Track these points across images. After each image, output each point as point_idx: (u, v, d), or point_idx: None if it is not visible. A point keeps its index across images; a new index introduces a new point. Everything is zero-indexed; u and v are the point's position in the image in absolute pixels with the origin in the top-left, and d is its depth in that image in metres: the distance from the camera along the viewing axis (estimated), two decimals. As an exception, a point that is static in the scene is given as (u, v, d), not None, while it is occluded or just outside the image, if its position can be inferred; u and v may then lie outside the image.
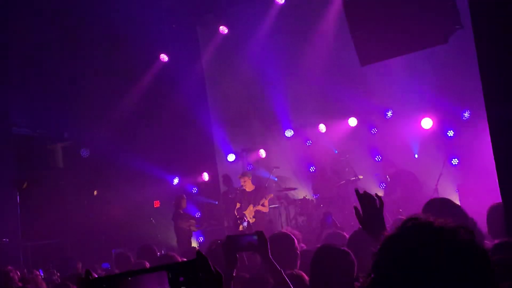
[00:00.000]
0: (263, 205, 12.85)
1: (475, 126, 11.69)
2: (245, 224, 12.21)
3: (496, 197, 5.69)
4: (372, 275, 1.80)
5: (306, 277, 4.16)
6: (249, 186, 13.13)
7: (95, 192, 15.98)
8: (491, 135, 3.98)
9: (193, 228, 13.83)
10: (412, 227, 1.80)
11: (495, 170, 4.06)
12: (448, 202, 4.78)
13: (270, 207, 13.73)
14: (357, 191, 3.41)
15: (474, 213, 5.04)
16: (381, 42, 9.91)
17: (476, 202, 6.85)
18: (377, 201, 3.30)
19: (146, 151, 15.49)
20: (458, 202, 9.73)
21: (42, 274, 9.62)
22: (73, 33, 13.94)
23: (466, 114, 12.96)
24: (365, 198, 3.31)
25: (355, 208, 3.32)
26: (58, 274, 8.32)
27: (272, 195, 13.48)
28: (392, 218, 10.72)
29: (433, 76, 12.77)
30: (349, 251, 4.06)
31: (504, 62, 3.95)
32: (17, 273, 6.78)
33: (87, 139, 15.83)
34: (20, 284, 6.07)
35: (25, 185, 12.95)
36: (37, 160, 15.27)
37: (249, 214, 12.66)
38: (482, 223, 5.20)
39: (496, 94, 3.97)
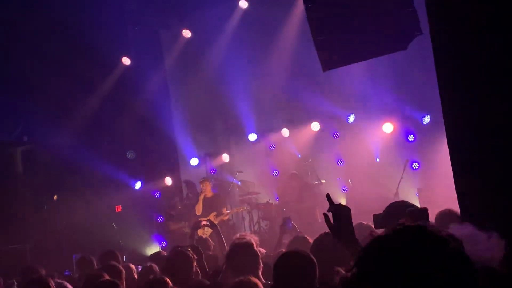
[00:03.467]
0: (224, 214, 12.96)
1: (435, 131, 11.83)
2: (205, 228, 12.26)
3: (455, 201, 5.80)
4: (355, 270, 1.78)
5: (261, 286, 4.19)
6: (208, 192, 13.18)
7: (55, 197, 15.76)
8: (447, 138, 4.06)
9: (185, 230, 13.72)
10: (404, 231, 1.79)
11: (452, 173, 4.14)
12: (409, 205, 4.89)
13: (236, 211, 13.80)
14: (328, 197, 3.48)
15: (433, 216, 5.14)
16: (342, 47, 10.01)
17: (435, 206, 6.94)
18: (347, 210, 3.37)
19: (107, 155, 15.36)
20: (418, 206, 9.85)
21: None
22: (31, 35, 13.76)
23: (426, 119, 13.15)
24: (337, 206, 3.38)
25: (325, 214, 3.37)
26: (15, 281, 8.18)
27: (228, 207, 13.58)
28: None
29: (394, 81, 12.93)
30: (312, 257, 4.11)
31: (460, 67, 4.04)
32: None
33: (48, 143, 15.62)
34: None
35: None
36: (-4, 164, 15.03)
37: (212, 219, 12.69)
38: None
39: (453, 99, 4.06)
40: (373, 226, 6.53)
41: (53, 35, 13.86)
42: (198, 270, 6.07)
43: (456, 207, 5.42)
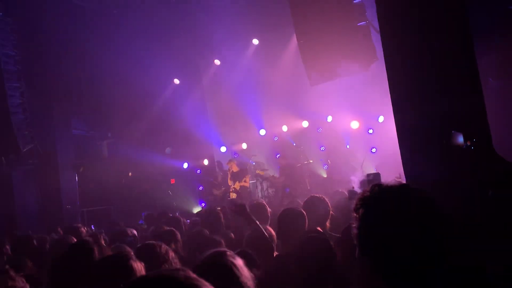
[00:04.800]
0: (245, 181, 12.98)
1: (387, 126, 11.81)
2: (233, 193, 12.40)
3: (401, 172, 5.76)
4: (358, 227, 1.61)
5: (273, 231, 4.19)
6: (235, 168, 13.23)
7: (130, 174, 15.88)
8: (397, 132, 4.03)
9: (221, 194, 13.58)
10: (380, 190, 1.62)
11: (400, 155, 4.12)
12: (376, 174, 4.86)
13: (250, 182, 13.80)
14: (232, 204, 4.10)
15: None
16: (324, 69, 9.99)
17: (388, 176, 6.96)
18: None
19: (165, 145, 15.44)
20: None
21: (93, 228, 9.51)
22: (109, 67, 13.80)
23: (381, 118, 13.09)
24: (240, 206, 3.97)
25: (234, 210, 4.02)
26: (103, 231, 8.22)
27: (249, 175, 13.56)
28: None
29: (358, 92, 12.84)
30: (303, 211, 4.11)
31: (405, 86, 4.02)
32: (84, 228, 6.70)
33: (125, 138, 15.73)
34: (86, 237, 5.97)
35: (81, 169, 12.82)
36: (90, 152, 15.14)
37: (236, 187, 12.80)
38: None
39: (400, 106, 4.03)
40: (345, 192, 6.51)
41: (129, 68, 13.88)
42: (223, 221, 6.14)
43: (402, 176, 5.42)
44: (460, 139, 3.64)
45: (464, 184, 3.63)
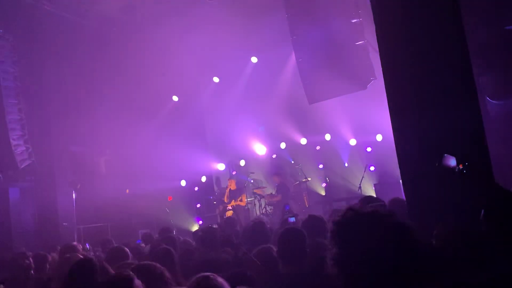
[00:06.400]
0: (241, 200, 12.96)
1: (385, 144, 11.81)
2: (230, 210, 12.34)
3: (399, 192, 5.73)
4: (335, 251, 1.67)
5: (274, 249, 4.13)
6: (233, 187, 13.21)
7: (127, 191, 15.76)
8: (396, 150, 4.02)
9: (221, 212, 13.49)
10: (353, 215, 1.68)
11: (400, 173, 4.10)
12: (372, 197, 4.84)
13: (248, 200, 13.75)
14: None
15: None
16: (321, 87, 10.04)
17: (386, 196, 6.93)
18: None
19: (163, 162, 15.36)
20: (375, 196, 9.82)
21: (88, 246, 9.38)
22: (108, 83, 13.84)
23: (379, 137, 13.10)
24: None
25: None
26: (100, 249, 8.12)
27: (245, 194, 13.51)
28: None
29: (356, 111, 12.90)
30: (303, 231, 4.08)
31: (404, 105, 4.02)
32: (80, 246, 6.66)
33: (122, 154, 15.65)
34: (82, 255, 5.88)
35: (78, 186, 12.73)
36: (87, 169, 15.05)
37: (233, 204, 12.79)
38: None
39: (399, 124, 4.03)
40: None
41: (127, 85, 13.93)
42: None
43: (401, 196, 5.37)
44: (453, 162, 3.62)
45: (462, 205, 3.60)
